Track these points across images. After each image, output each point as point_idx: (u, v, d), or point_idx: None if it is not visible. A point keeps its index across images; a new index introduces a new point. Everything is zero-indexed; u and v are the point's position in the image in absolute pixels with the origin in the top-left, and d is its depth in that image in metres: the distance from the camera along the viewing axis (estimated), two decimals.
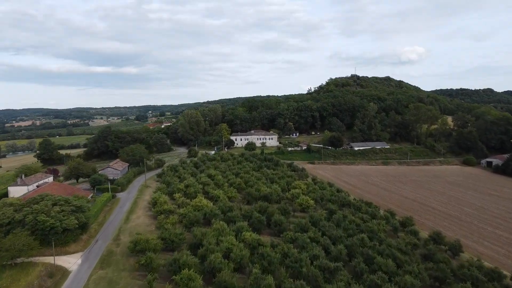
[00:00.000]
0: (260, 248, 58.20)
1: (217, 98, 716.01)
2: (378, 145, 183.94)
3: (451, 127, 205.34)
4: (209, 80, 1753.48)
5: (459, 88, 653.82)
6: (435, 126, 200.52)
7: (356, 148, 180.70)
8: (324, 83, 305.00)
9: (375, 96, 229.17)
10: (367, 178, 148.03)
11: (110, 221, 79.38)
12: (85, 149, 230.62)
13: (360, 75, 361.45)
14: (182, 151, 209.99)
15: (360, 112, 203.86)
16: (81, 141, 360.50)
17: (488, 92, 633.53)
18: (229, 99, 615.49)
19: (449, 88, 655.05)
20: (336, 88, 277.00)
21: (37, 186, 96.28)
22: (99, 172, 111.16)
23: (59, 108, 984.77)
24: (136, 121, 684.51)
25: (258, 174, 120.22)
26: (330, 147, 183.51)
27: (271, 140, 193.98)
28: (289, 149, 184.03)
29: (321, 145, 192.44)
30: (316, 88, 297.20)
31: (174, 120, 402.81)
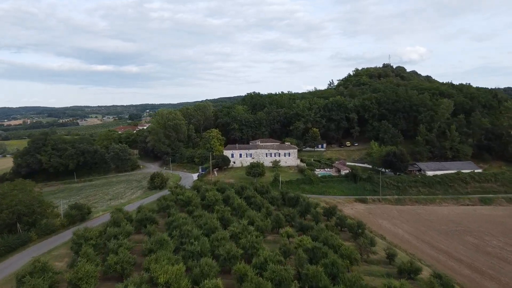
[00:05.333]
0: None
1: (216, 97, 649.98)
2: (463, 168, 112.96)
3: None
4: (210, 79, 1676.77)
5: (475, 86, 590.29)
6: None
7: (430, 173, 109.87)
8: (351, 73, 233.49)
9: (435, 91, 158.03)
10: (476, 239, 77.51)
11: None
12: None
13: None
14: (152, 169, 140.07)
15: (424, 114, 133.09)
16: None
17: (510, 91, 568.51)
18: (229, 98, 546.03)
19: None
20: (371, 79, 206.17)
21: None
22: None
23: (57, 106, 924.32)
24: (129, 121, 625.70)
25: (274, 253, 49.72)
26: (385, 170, 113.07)
27: (289, 157, 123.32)
28: (319, 172, 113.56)
29: (365, 165, 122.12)
30: (341, 81, 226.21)
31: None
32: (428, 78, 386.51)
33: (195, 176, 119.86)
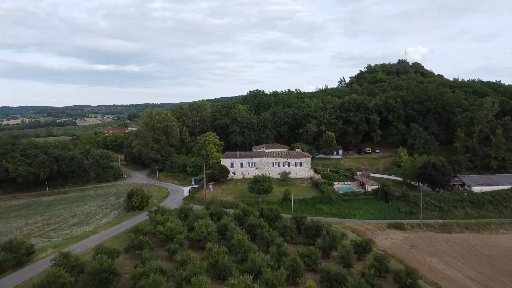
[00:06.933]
0: None
1: (217, 96, 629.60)
2: None
3: None
4: (211, 79, 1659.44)
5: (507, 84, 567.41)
6: None
7: (477, 189, 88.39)
8: (362, 70, 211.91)
9: (467, 88, 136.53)
10: None
11: None
12: None
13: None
14: (138, 180, 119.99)
15: (461, 116, 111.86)
16: None
17: None
18: (230, 97, 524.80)
19: None
20: (388, 76, 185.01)
21: None
22: None
23: (58, 106, 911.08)
24: (128, 120, 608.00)
25: None
26: (419, 185, 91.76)
27: (300, 167, 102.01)
28: (338, 187, 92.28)
29: (393, 177, 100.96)
30: (353, 78, 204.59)
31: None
32: (440, 76, 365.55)
33: (186, 190, 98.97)
